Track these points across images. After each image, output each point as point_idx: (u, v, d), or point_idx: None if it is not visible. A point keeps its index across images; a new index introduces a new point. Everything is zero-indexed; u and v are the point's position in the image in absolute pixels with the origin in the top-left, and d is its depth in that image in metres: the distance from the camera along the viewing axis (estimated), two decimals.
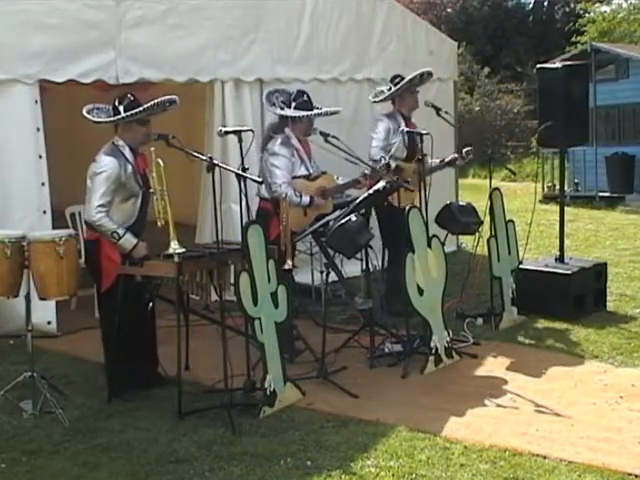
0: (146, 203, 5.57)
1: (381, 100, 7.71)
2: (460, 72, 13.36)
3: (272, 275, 5.35)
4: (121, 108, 5.46)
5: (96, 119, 5.53)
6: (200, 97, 8.34)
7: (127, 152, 5.50)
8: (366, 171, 6.70)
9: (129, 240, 5.37)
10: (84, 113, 5.54)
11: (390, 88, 7.54)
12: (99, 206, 5.35)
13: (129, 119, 5.45)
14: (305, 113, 6.61)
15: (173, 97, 5.54)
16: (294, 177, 6.57)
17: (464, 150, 7.52)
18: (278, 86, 7.95)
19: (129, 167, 5.46)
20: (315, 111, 6.69)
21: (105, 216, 5.35)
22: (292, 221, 6.21)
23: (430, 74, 7.67)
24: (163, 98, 5.48)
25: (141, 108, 5.42)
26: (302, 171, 6.64)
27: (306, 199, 6.52)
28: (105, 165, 5.40)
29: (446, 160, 7.51)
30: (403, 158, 7.36)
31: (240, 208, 5.46)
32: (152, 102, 5.44)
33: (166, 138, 5.32)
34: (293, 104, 6.65)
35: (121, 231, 5.35)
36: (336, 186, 6.80)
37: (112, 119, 5.50)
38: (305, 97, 6.72)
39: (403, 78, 7.48)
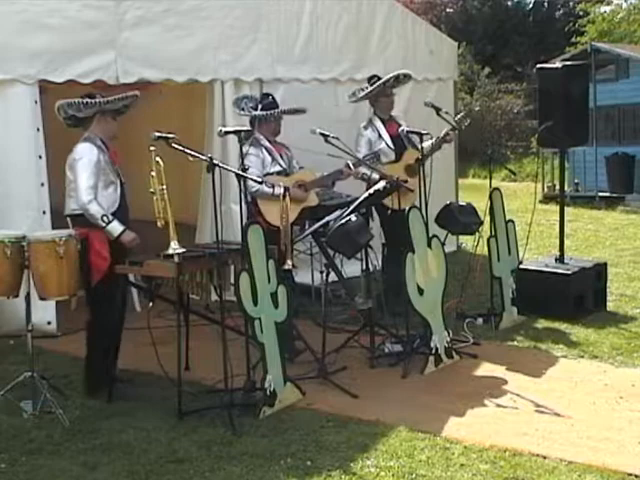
0: (124, 194, 5.68)
1: (355, 100, 7.72)
2: (460, 72, 13.35)
3: (272, 275, 5.35)
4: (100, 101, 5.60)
5: (80, 115, 5.60)
6: (200, 97, 8.33)
7: (100, 144, 5.62)
8: (349, 162, 6.69)
9: (116, 227, 5.45)
10: (61, 115, 5.63)
11: (367, 88, 7.54)
12: (87, 188, 5.45)
13: (107, 107, 5.58)
14: (270, 112, 6.67)
15: (135, 92, 5.73)
16: (268, 174, 6.57)
17: (457, 117, 7.47)
18: (277, 86, 7.99)
19: (105, 154, 5.60)
20: (280, 108, 6.77)
21: (94, 199, 5.45)
22: (271, 216, 6.23)
23: (407, 76, 7.69)
24: (130, 92, 5.67)
25: (120, 95, 5.60)
26: (276, 168, 6.67)
27: (279, 190, 6.46)
28: (83, 151, 5.54)
29: (440, 136, 7.36)
30: (392, 160, 7.37)
31: (240, 208, 5.47)
32: (121, 95, 5.65)
33: (166, 138, 5.32)
34: (259, 106, 6.75)
35: (110, 216, 5.45)
36: (318, 178, 6.79)
37: (96, 109, 5.57)
38: (270, 98, 6.86)
39: (378, 77, 7.49)
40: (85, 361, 5.71)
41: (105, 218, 5.42)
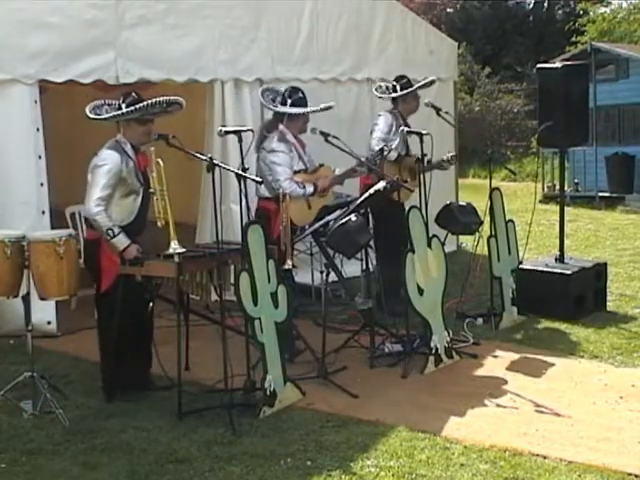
0: (146, 201, 5.55)
1: (386, 97, 7.74)
2: (460, 72, 13.35)
3: (272, 275, 5.35)
4: (123, 106, 5.46)
5: (92, 116, 5.51)
6: (200, 97, 8.34)
7: (129, 149, 5.49)
8: (362, 159, 6.73)
9: (121, 240, 5.33)
10: (87, 109, 5.52)
11: (395, 86, 7.57)
12: (98, 199, 5.33)
13: (126, 117, 5.44)
14: (302, 110, 6.65)
15: (174, 98, 5.50)
16: (294, 172, 6.59)
17: (448, 155, 7.59)
18: (278, 86, 7.96)
19: (130, 163, 5.46)
20: (311, 108, 6.73)
21: (103, 210, 5.33)
22: (296, 216, 6.24)
23: (434, 82, 7.91)
24: (159, 99, 5.44)
25: (132, 108, 5.40)
26: (300, 166, 6.69)
27: (310, 188, 6.57)
28: (106, 158, 5.39)
29: (432, 163, 7.42)
30: (394, 159, 7.38)
31: (240, 208, 5.47)
32: (146, 102, 5.42)
33: (166, 138, 5.32)
34: (289, 101, 6.68)
35: (116, 230, 5.33)
36: (335, 177, 6.83)
37: (108, 116, 5.49)
38: (300, 94, 6.76)
39: (408, 78, 7.55)
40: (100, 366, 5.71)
41: (110, 232, 5.30)
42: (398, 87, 7.57)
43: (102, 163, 5.38)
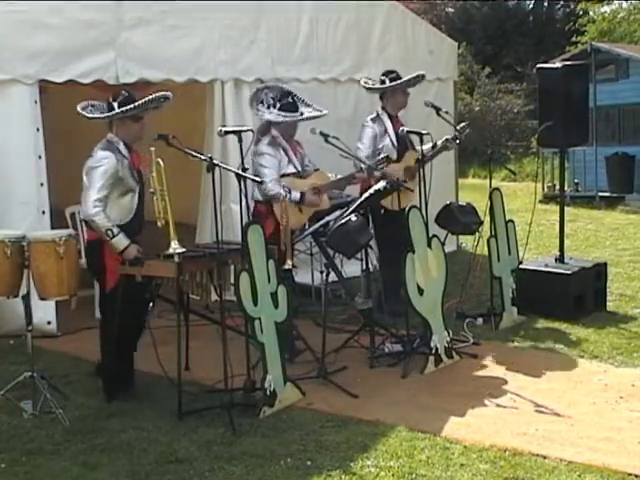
0: (142, 200, 5.56)
1: (374, 89, 7.68)
2: (460, 72, 13.35)
3: (272, 275, 5.35)
4: (115, 104, 5.46)
5: (90, 115, 5.53)
6: (200, 97, 8.34)
7: (122, 147, 5.49)
8: (362, 166, 6.71)
9: (121, 240, 5.33)
10: (79, 109, 5.54)
11: (383, 81, 7.53)
12: (96, 200, 5.32)
13: (122, 115, 5.45)
14: (285, 119, 6.57)
15: (166, 93, 5.53)
16: (284, 175, 6.56)
17: (458, 126, 7.47)
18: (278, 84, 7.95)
19: (125, 161, 5.46)
20: (295, 118, 6.62)
21: (101, 211, 5.32)
22: (290, 218, 6.22)
23: (424, 77, 7.71)
24: (156, 95, 5.46)
25: (132, 105, 5.41)
26: (291, 169, 6.64)
27: (296, 195, 6.50)
28: (102, 159, 5.38)
29: (439, 144, 7.39)
30: (394, 159, 7.34)
31: (240, 208, 5.47)
32: (145, 99, 5.44)
33: (166, 138, 5.32)
34: (278, 105, 6.63)
35: (115, 230, 5.33)
36: (331, 182, 6.79)
37: (106, 115, 5.50)
38: (290, 99, 6.68)
39: (397, 74, 7.48)
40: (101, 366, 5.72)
41: (109, 232, 5.29)
42: (387, 81, 7.48)
43: (98, 165, 5.38)
